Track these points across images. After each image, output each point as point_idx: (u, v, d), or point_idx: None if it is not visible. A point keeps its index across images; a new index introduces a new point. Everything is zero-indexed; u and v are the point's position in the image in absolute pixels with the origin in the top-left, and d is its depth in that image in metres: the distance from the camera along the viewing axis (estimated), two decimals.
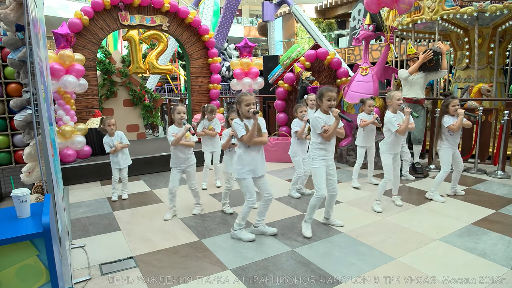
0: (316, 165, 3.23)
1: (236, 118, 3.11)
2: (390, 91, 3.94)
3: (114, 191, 4.46)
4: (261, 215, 3.30)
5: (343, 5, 23.78)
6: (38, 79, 2.07)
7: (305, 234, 3.26)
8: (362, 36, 5.86)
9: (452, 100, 4.05)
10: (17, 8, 3.61)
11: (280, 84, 6.59)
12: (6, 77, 4.78)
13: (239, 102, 3.07)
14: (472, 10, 5.82)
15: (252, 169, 3.11)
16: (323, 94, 3.16)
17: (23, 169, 4.22)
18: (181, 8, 6.69)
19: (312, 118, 3.23)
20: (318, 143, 3.23)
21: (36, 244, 1.59)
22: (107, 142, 4.34)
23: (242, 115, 3.09)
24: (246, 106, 3.03)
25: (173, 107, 3.78)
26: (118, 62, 7.72)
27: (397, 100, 3.80)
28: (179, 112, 3.68)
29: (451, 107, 4.04)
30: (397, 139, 3.85)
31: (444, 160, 4.16)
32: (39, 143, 2.75)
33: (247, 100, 3.04)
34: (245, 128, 3.05)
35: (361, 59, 8.37)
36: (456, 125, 3.97)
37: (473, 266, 2.68)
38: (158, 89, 19.60)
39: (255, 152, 3.11)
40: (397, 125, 3.76)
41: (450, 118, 4.05)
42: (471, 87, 6.81)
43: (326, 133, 3.13)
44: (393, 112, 3.85)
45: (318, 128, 3.16)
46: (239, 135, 3.03)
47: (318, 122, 3.16)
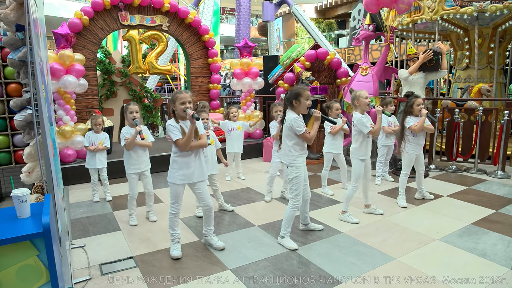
0: (299, 173, 2.96)
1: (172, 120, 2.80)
2: (354, 92, 3.58)
3: (94, 192, 4.42)
4: (207, 225, 3.09)
5: (343, 5, 23.78)
6: (38, 79, 2.07)
7: (292, 247, 3.01)
8: (362, 36, 5.86)
9: (416, 99, 3.89)
10: (17, 8, 3.61)
11: (280, 84, 6.58)
12: (6, 77, 4.78)
13: (173, 101, 2.74)
14: (472, 10, 5.82)
15: (186, 174, 2.83)
16: (301, 94, 2.87)
17: (23, 169, 4.22)
18: (181, 8, 6.69)
19: (291, 119, 2.90)
20: (298, 149, 2.95)
21: (36, 244, 1.59)
22: (88, 137, 4.26)
23: (177, 116, 2.77)
24: (181, 105, 2.69)
25: (125, 106, 3.55)
26: (118, 62, 7.71)
27: (365, 99, 3.46)
28: (131, 111, 3.46)
29: (415, 106, 3.87)
30: (367, 142, 3.52)
31: (405, 163, 4.01)
32: (39, 143, 2.75)
33: (182, 98, 2.69)
34: (180, 131, 2.74)
35: (361, 59, 8.37)
36: (417, 126, 3.79)
37: (473, 266, 2.68)
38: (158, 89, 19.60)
39: (193, 155, 2.82)
40: (370, 125, 3.46)
41: (413, 118, 3.88)
42: (471, 87, 6.82)
43: (308, 134, 2.89)
44: (361, 113, 3.51)
45: (299, 129, 2.87)
46: (173, 139, 2.72)
47: (299, 123, 2.89)
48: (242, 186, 4.96)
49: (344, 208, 3.60)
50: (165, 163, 5.63)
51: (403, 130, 3.94)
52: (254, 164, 6.25)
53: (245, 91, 7.17)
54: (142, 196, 4.66)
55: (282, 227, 3.09)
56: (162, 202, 4.33)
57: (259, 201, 4.29)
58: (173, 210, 2.94)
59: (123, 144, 3.47)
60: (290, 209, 3.04)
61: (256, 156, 6.81)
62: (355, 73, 6.07)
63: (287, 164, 3.01)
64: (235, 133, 5.16)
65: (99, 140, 4.31)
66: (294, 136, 2.93)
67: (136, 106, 3.51)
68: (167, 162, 3.74)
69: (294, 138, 2.94)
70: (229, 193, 4.61)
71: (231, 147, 5.18)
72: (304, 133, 2.88)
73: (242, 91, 7.28)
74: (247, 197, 4.46)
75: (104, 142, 4.34)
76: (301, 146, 2.98)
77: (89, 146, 4.27)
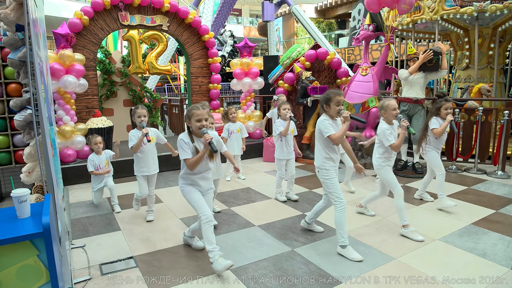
0: (329, 175, 2.90)
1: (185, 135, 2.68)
2: (382, 100, 3.42)
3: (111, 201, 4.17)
4: (195, 233, 3.06)
5: (343, 5, 23.80)
6: (38, 79, 2.07)
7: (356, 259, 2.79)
8: (362, 36, 5.86)
9: (446, 103, 3.79)
10: (17, 8, 3.62)
11: (280, 84, 6.58)
12: (6, 77, 4.78)
13: (188, 117, 2.62)
14: (472, 10, 5.82)
15: (200, 185, 2.77)
16: (331, 99, 2.84)
17: (23, 169, 4.23)
18: (181, 8, 6.69)
19: (319, 121, 2.90)
20: (328, 151, 2.90)
21: (36, 244, 1.59)
22: (91, 161, 4.05)
23: (192, 132, 2.67)
24: (197, 122, 2.57)
25: (133, 110, 3.63)
26: (118, 62, 7.71)
27: (393, 111, 3.27)
28: (139, 115, 3.50)
29: (443, 110, 3.79)
30: (389, 152, 3.32)
31: (434, 163, 3.89)
32: (39, 143, 2.75)
33: (198, 115, 2.55)
34: (192, 150, 2.60)
35: (361, 59, 8.37)
36: (438, 130, 3.73)
37: (473, 266, 2.68)
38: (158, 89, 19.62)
39: (204, 173, 2.76)
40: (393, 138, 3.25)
41: (439, 121, 3.81)
42: (471, 87, 6.81)
43: (334, 135, 2.79)
44: (388, 123, 3.33)
45: (326, 131, 2.81)
46: (181, 157, 2.61)
47: (327, 125, 2.83)
48: (242, 186, 4.96)
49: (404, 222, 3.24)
50: (165, 163, 5.66)
51: (426, 130, 3.88)
52: (254, 164, 6.25)
53: (245, 91, 7.17)
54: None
55: (338, 235, 2.89)
56: (162, 202, 4.33)
57: (259, 201, 4.30)
58: (204, 217, 2.65)
59: (130, 146, 3.52)
60: (337, 213, 2.87)
61: (256, 156, 6.81)
62: (355, 73, 6.07)
63: (318, 167, 2.99)
64: (235, 135, 5.16)
65: (103, 161, 4.10)
66: (322, 139, 2.90)
67: (144, 110, 3.55)
68: (167, 162, 3.76)
69: (322, 141, 2.91)
70: (229, 193, 4.61)
71: (231, 149, 5.17)
72: (331, 135, 2.81)
73: (242, 91, 7.28)
74: (247, 197, 4.46)
75: (109, 163, 4.17)
76: (330, 149, 2.91)
77: (96, 171, 4.06)
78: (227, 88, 16.96)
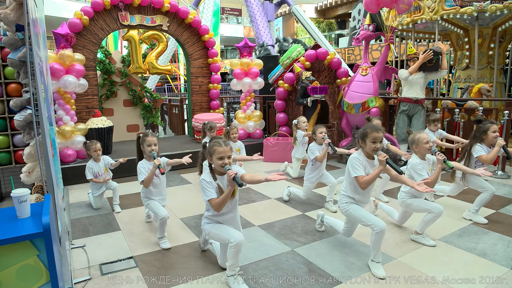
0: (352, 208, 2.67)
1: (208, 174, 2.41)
2: (413, 134, 3.05)
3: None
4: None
5: (343, 5, 23.82)
6: (38, 79, 2.07)
7: (379, 275, 2.55)
8: (362, 36, 5.86)
9: (492, 125, 3.35)
10: (17, 8, 3.62)
11: (280, 84, 6.59)
12: (6, 77, 4.78)
13: (210, 153, 2.37)
14: (472, 10, 5.83)
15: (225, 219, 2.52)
16: (367, 135, 2.53)
17: (23, 169, 4.23)
18: (181, 8, 6.70)
19: (351, 157, 2.65)
20: (350, 190, 2.66)
21: (36, 244, 1.59)
22: (90, 168, 3.96)
23: (214, 170, 2.42)
24: (219, 160, 2.32)
25: (142, 137, 3.19)
26: (118, 62, 7.72)
27: (425, 144, 2.93)
28: (149, 144, 3.11)
29: (490, 133, 3.32)
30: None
31: (480, 185, 3.45)
32: (39, 143, 2.75)
33: (220, 152, 2.32)
34: (216, 190, 2.37)
35: (361, 59, 8.37)
36: (489, 157, 3.25)
37: (473, 266, 2.68)
38: (158, 89, 19.63)
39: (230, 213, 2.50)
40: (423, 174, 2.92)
41: (484, 147, 3.37)
42: (471, 87, 6.82)
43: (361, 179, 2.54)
44: (421, 158, 3.02)
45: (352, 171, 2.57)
46: (205, 198, 2.36)
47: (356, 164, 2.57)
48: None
49: (420, 230, 3.10)
50: None
51: (470, 159, 3.45)
52: (254, 164, 6.25)
53: (245, 91, 7.17)
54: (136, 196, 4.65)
55: (372, 251, 2.66)
56: None
57: (259, 201, 4.29)
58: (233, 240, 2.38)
59: (140, 180, 3.09)
60: (373, 236, 2.60)
61: None
62: (355, 73, 6.07)
63: (339, 199, 2.78)
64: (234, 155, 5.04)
65: (102, 168, 4.04)
66: (349, 176, 2.65)
67: (154, 138, 3.15)
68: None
69: (348, 177, 2.68)
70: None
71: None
72: (358, 176, 2.55)
73: (242, 91, 7.28)
74: (247, 197, 4.46)
75: (108, 170, 4.12)
76: (354, 189, 2.65)
77: (95, 178, 3.98)
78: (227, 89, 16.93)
